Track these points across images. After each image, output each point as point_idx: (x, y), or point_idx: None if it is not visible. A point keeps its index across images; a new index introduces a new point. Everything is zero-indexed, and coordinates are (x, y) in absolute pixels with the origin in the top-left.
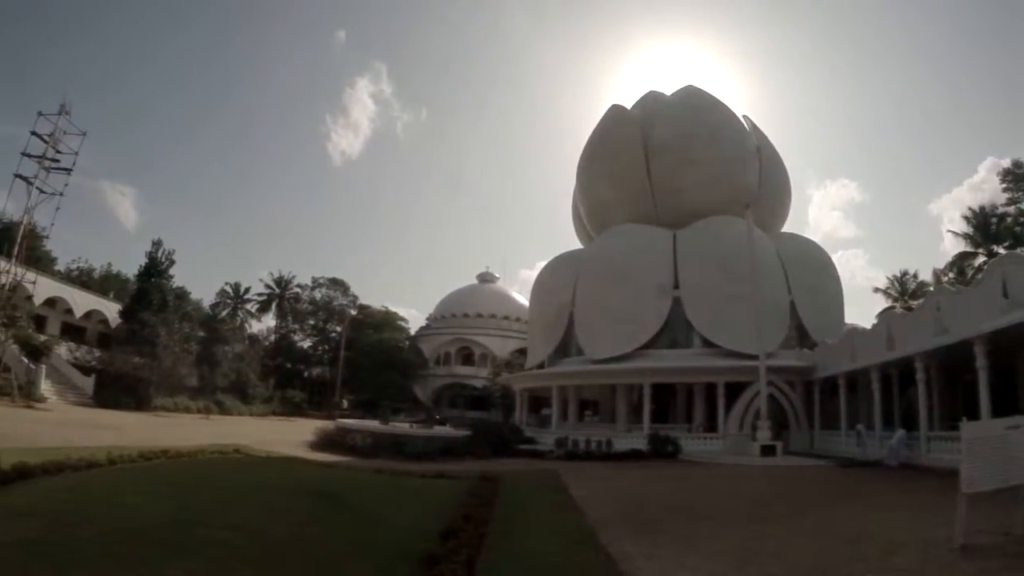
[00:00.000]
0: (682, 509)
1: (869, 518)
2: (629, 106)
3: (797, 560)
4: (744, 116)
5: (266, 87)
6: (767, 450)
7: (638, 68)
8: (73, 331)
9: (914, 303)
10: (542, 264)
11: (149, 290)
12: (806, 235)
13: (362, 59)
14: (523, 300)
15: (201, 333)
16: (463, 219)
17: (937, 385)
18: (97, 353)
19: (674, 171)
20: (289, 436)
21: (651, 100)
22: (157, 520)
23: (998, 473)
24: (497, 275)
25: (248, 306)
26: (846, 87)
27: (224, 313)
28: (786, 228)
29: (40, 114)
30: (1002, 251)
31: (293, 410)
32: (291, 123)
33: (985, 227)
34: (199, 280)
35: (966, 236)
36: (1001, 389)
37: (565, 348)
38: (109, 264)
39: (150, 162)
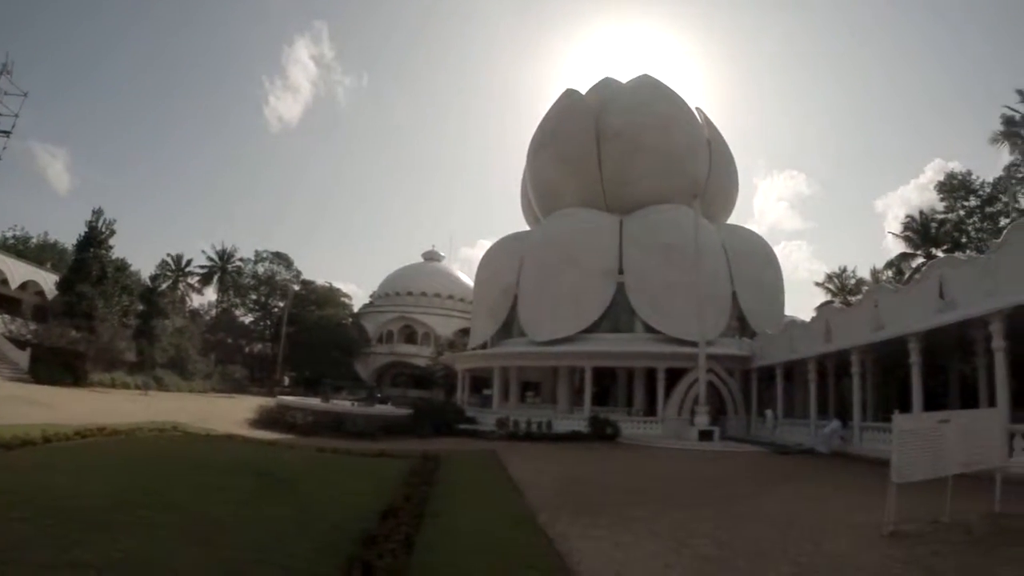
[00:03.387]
0: (620, 491)
1: (802, 504)
2: (583, 90)
3: (731, 542)
4: (697, 108)
5: (201, 45)
6: (705, 435)
7: (591, 48)
8: (8, 303)
9: (852, 299)
10: (484, 243)
11: (88, 261)
12: (751, 224)
13: (302, 16)
14: (467, 280)
15: (140, 306)
16: (408, 194)
17: (872, 378)
18: (33, 326)
19: (625, 159)
20: (229, 413)
21: (606, 87)
22: (94, 500)
23: (928, 464)
24: (443, 254)
25: (190, 279)
26: (800, 80)
27: (164, 286)
28: (732, 216)
29: None
30: (940, 254)
31: (234, 387)
32: (227, 84)
33: (925, 230)
34: (129, 247)
35: (906, 238)
36: (933, 385)
37: (508, 329)
38: (46, 233)
39: (81, 123)
